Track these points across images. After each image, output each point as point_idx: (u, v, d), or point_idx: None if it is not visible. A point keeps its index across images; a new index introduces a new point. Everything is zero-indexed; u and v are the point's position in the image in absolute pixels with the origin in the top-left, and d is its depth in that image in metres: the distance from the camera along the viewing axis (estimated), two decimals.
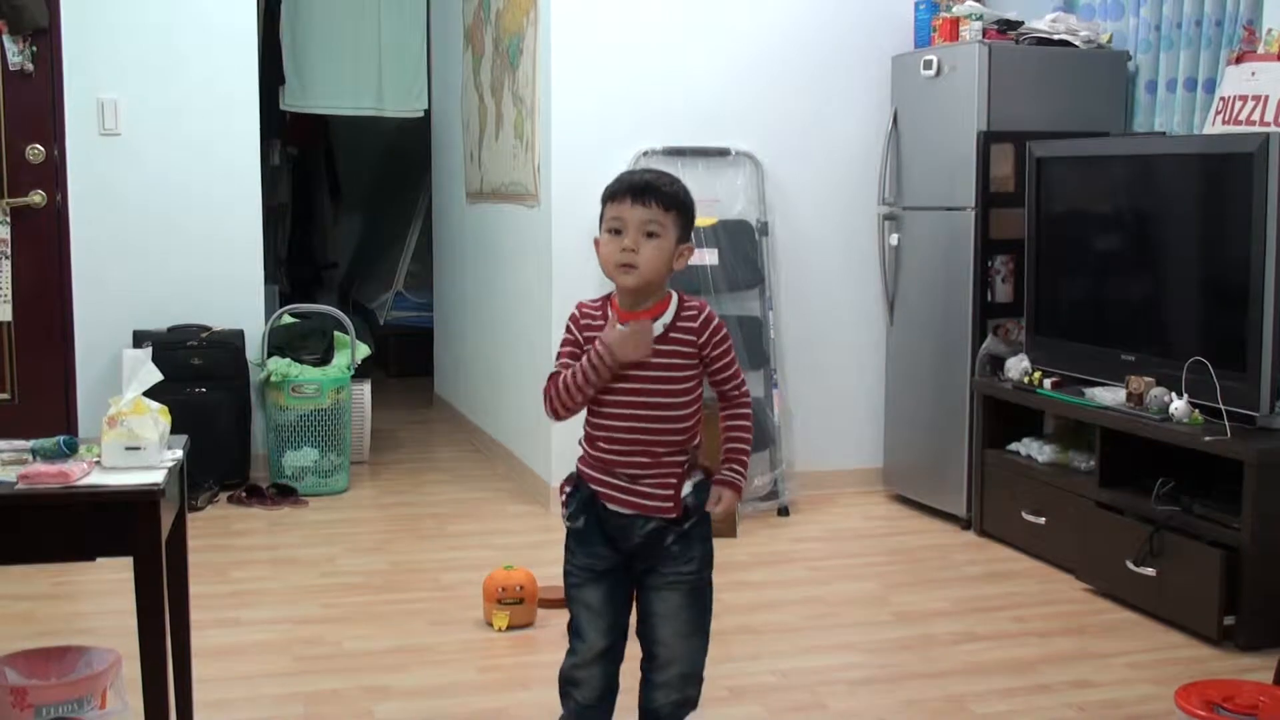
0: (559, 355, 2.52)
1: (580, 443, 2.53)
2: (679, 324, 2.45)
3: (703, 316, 2.46)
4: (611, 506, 2.46)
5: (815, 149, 5.20)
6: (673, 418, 2.44)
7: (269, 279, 5.84)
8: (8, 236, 4.93)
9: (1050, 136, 4.59)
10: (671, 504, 2.45)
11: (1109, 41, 4.83)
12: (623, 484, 2.45)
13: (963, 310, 4.76)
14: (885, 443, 5.31)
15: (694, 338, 2.45)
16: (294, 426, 5.16)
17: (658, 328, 2.42)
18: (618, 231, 2.41)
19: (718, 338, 2.47)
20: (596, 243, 2.47)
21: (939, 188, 4.87)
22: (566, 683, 2.56)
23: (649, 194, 2.41)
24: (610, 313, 2.47)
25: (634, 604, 2.55)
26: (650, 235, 2.40)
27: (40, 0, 4.86)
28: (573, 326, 2.52)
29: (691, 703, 2.58)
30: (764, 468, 5.00)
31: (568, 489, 2.55)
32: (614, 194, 2.44)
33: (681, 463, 2.47)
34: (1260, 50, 4.11)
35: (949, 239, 4.82)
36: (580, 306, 2.54)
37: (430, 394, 7.34)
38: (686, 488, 2.47)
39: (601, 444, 2.47)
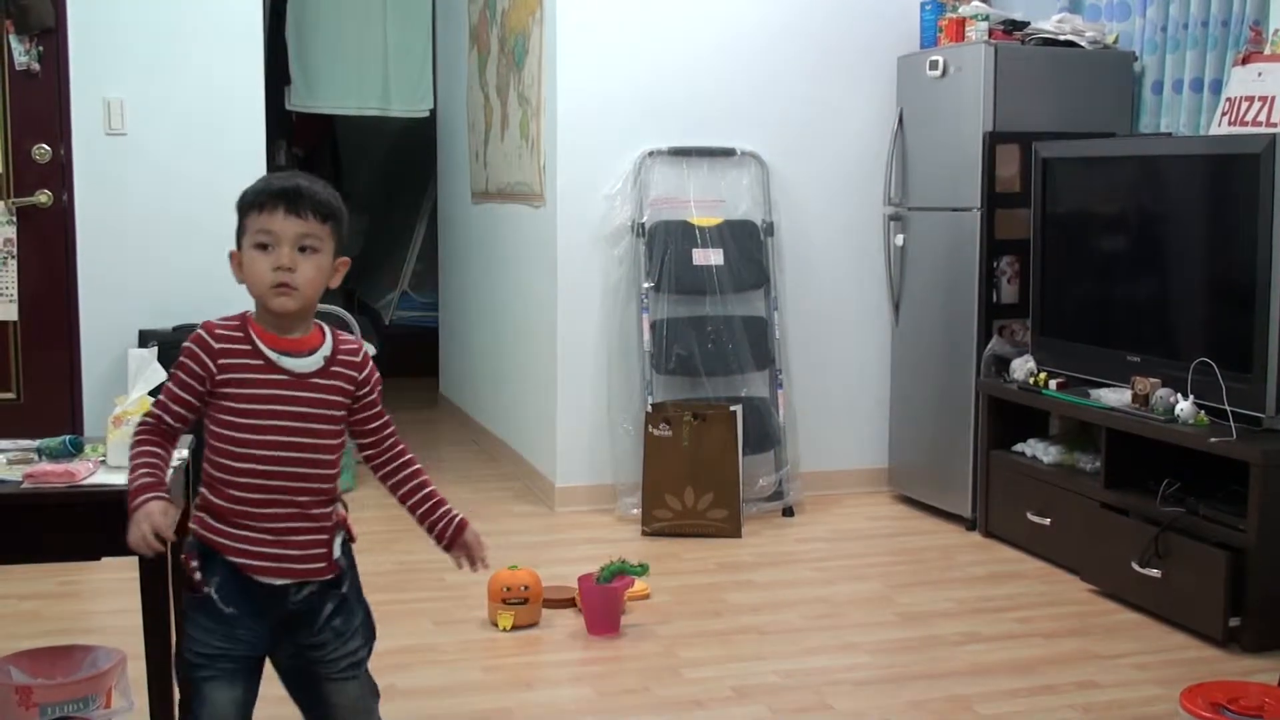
0: (170, 387, 2.13)
1: (202, 499, 2.14)
2: (339, 358, 2.17)
3: (363, 353, 2.21)
4: (258, 578, 2.10)
5: (821, 149, 5.20)
6: (322, 461, 2.14)
7: None
8: (14, 236, 4.93)
9: (1056, 137, 4.58)
10: (325, 563, 2.16)
11: (1115, 42, 4.82)
12: (265, 546, 2.10)
13: (968, 311, 4.76)
14: (890, 443, 5.31)
15: (355, 374, 2.18)
16: None
17: (315, 360, 2.14)
18: (266, 247, 2.09)
19: (375, 378, 2.22)
20: (234, 256, 2.14)
21: (944, 188, 4.86)
22: None
23: (303, 203, 2.09)
24: (256, 341, 2.11)
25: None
26: (306, 250, 2.09)
27: (46, 0, 4.87)
28: (201, 355, 2.10)
29: None
30: (769, 468, 5.00)
31: (194, 561, 2.12)
32: (259, 203, 2.10)
33: (329, 514, 2.18)
34: (1266, 51, 4.10)
35: (954, 239, 4.81)
36: (210, 329, 2.12)
37: (435, 393, 7.35)
38: (335, 547, 2.19)
39: (236, 492, 2.09)
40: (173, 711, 2.50)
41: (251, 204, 2.11)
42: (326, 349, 2.17)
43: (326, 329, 2.20)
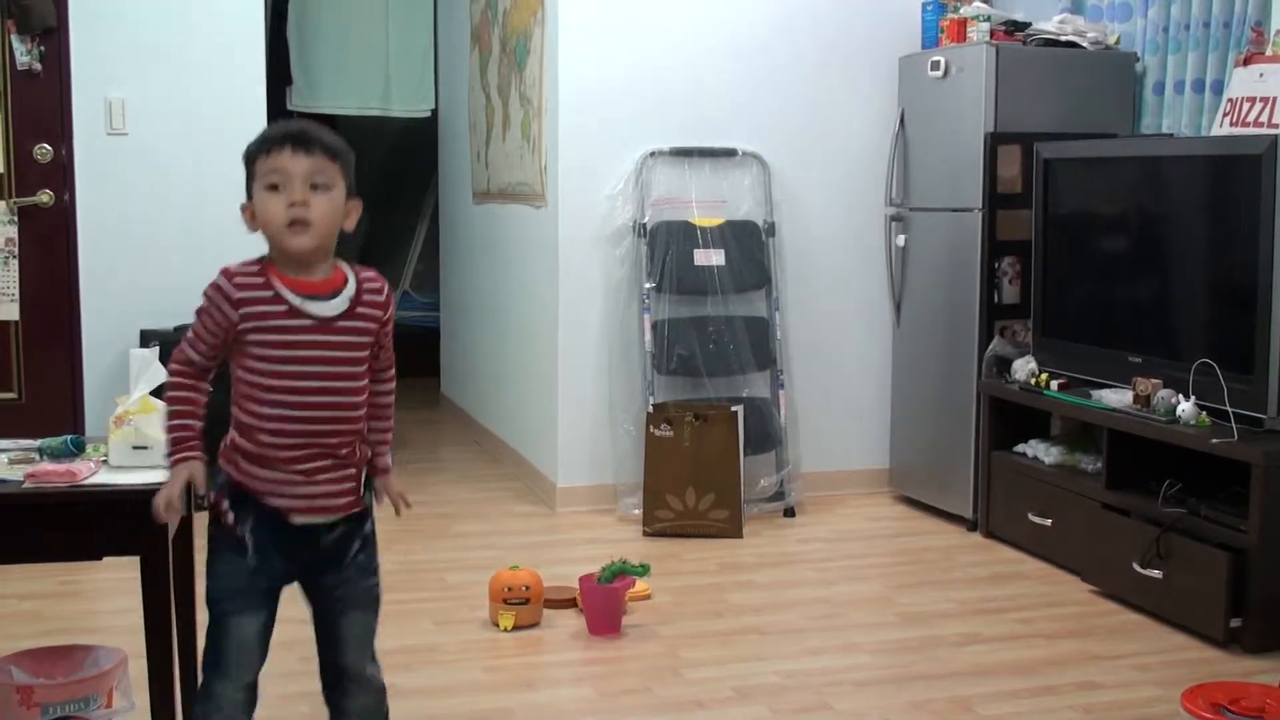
0: (190, 336, 2.13)
1: (233, 441, 2.17)
2: (364, 298, 2.17)
3: (386, 290, 2.23)
4: (293, 518, 2.15)
5: (822, 150, 5.20)
6: (352, 403, 2.17)
7: None
8: (15, 236, 4.94)
9: (1058, 138, 4.58)
10: (353, 498, 2.20)
11: (1117, 43, 4.82)
12: (297, 487, 2.13)
13: (969, 311, 4.76)
14: (891, 444, 5.31)
15: (380, 313, 2.20)
16: None
17: (341, 303, 2.14)
18: (277, 187, 2.08)
19: (392, 312, 2.25)
20: (245, 209, 2.14)
21: (946, 189, 4.86)
22: None
23: (310, 141, 2.09)
24: (278, 286, 2.10)
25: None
26: (318, 188, 2.09)
27: (48, 0, 4.87)
28: (223, 304, 2.09)
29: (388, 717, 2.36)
30: (770, 468, 5.00)
31: (225, 502, 2.17)
32: (267, 144, 2.09)
33: (354, 450, 2.20)
34: (1268, 52, 4.10)
35: (956, 240, 4.81)
36: (230, 276, 2.11)
37: (436, 394, 7.35)
38: (363, 488, 2.24)
39: (267, 437, 2.11)
40: (174, 711, 2.50)
41: (259, 150, 2.11)
42: (351, 289, 2.16)
43: (348, 267, 2.19)
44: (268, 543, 2.16)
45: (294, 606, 3.86)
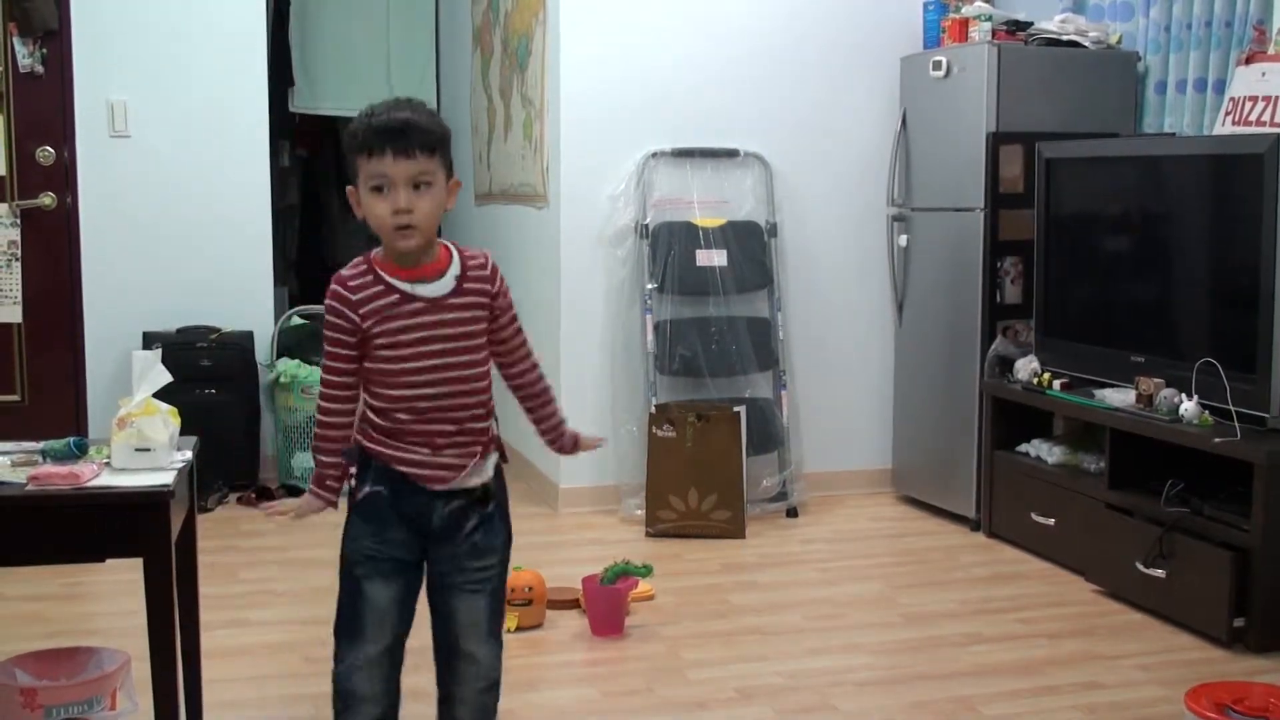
0: (327, 348, 2.23)
1: (365, 415, 2.27)
2: (469, 275, 2.24)
3: (490, 264, 2.28)
4: (416, 483, 2.22)
5: (824, 150, 5.20)
6: (473, 377, 2.24)
7: (278, 280, 5.85)
8: (18, 238, 4.95)
9: (1059, 137, 4.58)
10: (477, 477, 2.27)
11: (1118, 42, 4.82)
12: (423, 456, 2.22)
13: (972, 311, 4.76)
14: (894, 444, 5.31)
15: (488, 286, 2.26)
16: (303, 428, 5.17)
17: (448, 282, 2.21)
18: (381, 189, 2.15)
19: (505, 286, 2.30)
20: (351, 193, 2.20)
21: (948, 189, 4.86)
22: (348, 697, 2.27)
23: (410, 142, 2.13)
24: (386, 277, 2.19)
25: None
26: (420, 187, 2.16)
27: (50, 2, 4.88)
28: (344, 310, 2.19)
29: (495, 710, 2.38)
30: (773, 469, 5.00)
31: (352, 467, 2.27)
32: (369, 147, 2.14)
33: (486, 429, 2.28)
34: (1270, 51, 4.10)
35: (958, 240, 4.81)
36: (342, 282, 2.20)
37: None
38: (489, 468, 2.30)
39: (401, 415, 2.21)
40: (177, 713, 2.50)
41: (360, 148, 2.15)
42: (456, 268, 2.24)
43: (452, 247, 2.27)
44: (389, 508, 2.23)
45: (296, 607, 3.87)
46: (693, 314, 4.98)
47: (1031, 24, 4.83)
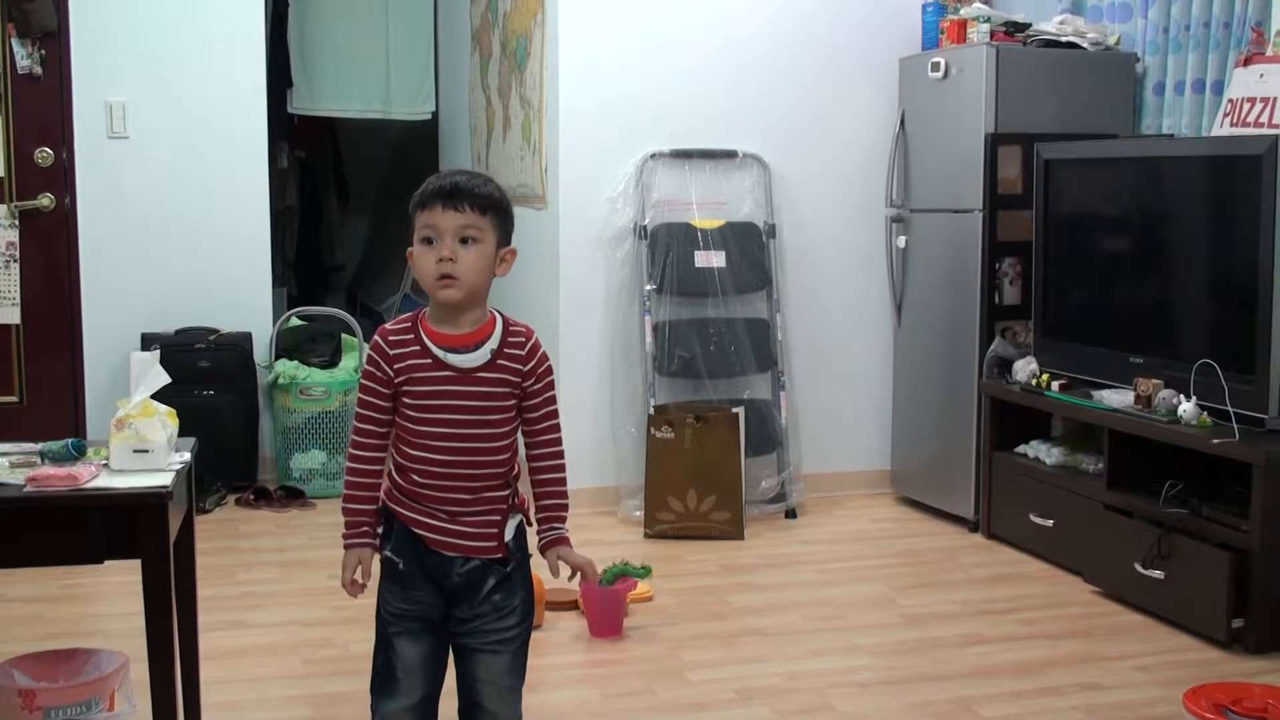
0: (361, 396, 2.26)
1: (390, 474, 2.29)
2: (506, 350, 2.24)
3: (530, 343, 2.27)
4: (431, 547, 2.23)
5: (823, 151, 5.20)
6: (494, 449, 2.24)
7: (277, 281, 5.85)
8: (16, 240, 4.94)
9: (1058, 139, 4.58)
10: (495, 543, 2.25)
11: (1117, 43, 4.82)
12: (441, 522, 2.23)
13: (970, 312, 4.76)
14: (893, 445, 5.31)
15: (520, 365, 2.24)
16: (302, 429, 5.17)
17: (483, 354, 2.22)
18: (430, 240, 2.19)
19: (543, 368, 2.28)
20: (410, 255, 2.24)
21: (946, 190, 4.86)
22: None
23: (459, 197, 2.18)
24: (425, 340, 2.21)
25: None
26: (468, 241, 2.19)
27: (49, 3, 4.88)
28: (380, 361, 2.23)
29: None
30: (772, 470, 5.00)
31: (379, 527, 2.29)
32: (423, 201, 2.20)
33: (504, 498, 2.28)
34: (1268, 52, 4.10)
35: (956, 241, 4.81)
36: (385, 335, 2.24)
37: None
38: (510, 529, 2.28)
39: (416, 476, 2.23)
40: (176, 715, 2.50)
41: (417, 204, 2.22)
42: (494, 341, 2.24)
43: (500, 317, 2.27)
44: (414, 567, 2.25)
45: (295, 609, 3.87)
46: (691, 315, 4.98)
47: (1030, 25, 4.83)
